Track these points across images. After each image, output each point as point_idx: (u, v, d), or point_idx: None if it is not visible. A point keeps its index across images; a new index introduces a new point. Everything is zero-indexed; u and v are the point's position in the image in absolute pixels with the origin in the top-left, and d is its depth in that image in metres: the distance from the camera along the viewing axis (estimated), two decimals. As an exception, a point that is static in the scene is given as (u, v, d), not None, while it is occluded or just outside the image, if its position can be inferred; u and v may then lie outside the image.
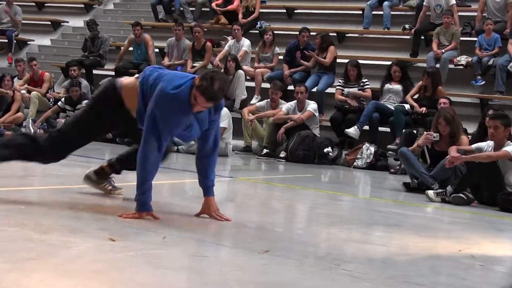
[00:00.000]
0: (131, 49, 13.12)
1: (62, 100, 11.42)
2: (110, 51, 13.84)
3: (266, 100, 10.65)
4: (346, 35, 13.04)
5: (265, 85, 11.46)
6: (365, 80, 10.67)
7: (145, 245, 3.51)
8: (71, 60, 13.05)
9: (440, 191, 6.60)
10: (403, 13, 13.03)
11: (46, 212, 4.17)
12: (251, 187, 7.01)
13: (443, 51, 11.04)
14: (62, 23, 16.12)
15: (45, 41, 15.60)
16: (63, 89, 12.25)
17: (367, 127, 10.23)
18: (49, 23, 16.01)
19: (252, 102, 11.32)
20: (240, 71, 11.36)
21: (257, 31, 13.28)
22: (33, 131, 10.67)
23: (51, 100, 11.81)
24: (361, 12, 13.15)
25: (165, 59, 12.73)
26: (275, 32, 12.41)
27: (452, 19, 11.29)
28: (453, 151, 6.66)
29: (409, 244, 4.30)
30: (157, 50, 13.25)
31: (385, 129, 10.20)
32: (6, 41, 14.84)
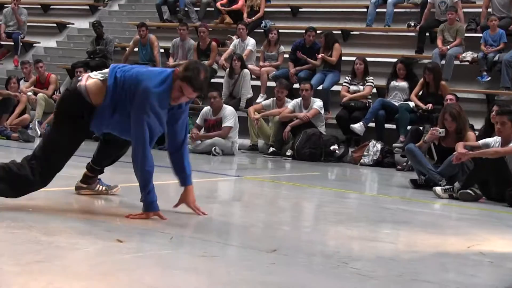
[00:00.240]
0: (136, 49, 13.14)
1: (68, 101, 11.43)
2: (116, 52, 13.86)
3: (272, 99, 10.65)
4: (351, 32, 13.02)
5: (271, 83, 11.45)
6: (370, 78, 10.64)
7: (152, 246, 3.52)
8: (76, 62, 13.07)
9: (448, 187, 6.58)
10: (407, 10, 12.99)
11: (53, 214, 4.18)
12: (258, 186, 7.01)
13: (448, 47, 11.02)
14: (67, 25, 16.16)
15: (51, 43, 15.64)
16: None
17: (373, 124, 10.21)
18: (55, 25, 16.04)
19: (258, 100, 11.32)
20: (245, 70, 11.36)
21: (262, 30, 13.28)
22: (40, 133, 10.69)
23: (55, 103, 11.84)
24: (365, 10, 13.12)
25: (170, 59, 12.74)
26: (280, 31, 12.40)
27: (456, 15, 11.27)
28: (460, 147, 6.64)
29: (417, 241, 4.29)
30: (162, 50, 13.26)
31: (391, 126, 10.18)
32: (13, 43, 14.87)
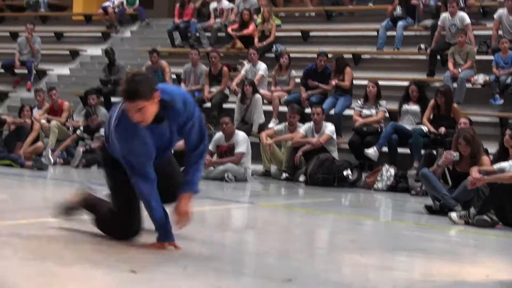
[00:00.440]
0: (148, 76, 13.19)
1: (81, 128, 11.49)
2: (128, 78, 13.90)
3: (284, 124, 10.64)
4: (362, 56, 13.03)
5: (283, 108, 11.45)
6: (382, 102, 10.61)
7: (167, 276, 3.49)
8: (89, 89, 13.15)
9: (463, 213, 6.51)
10: (418, 33, 13.01)
11: (67, 244, 4.16)
12: (271, 213, 6.97)
13: (459, 70, 10.99)
14: (80, 52, 16.29)
15: (64, 70, 15.75)
16: (82, 117, 12.33)
17: (386, 149, 10.17)
18: (68, 52, 16.17)
19: (270, 126, 11.31)
20: (257, 95, 11.38)
21: (273, 55, 13.32)
22: (53, 161, 10.72)
23: (70, 129, 11.89)
24: (376, 34, 13.15)
25: (182, 85, 12.79)
26: (291, 55, 12.42)
27: (465, 38, 11.25)
28: (474, 172, 6.58)
29: (433, 269, 4.23)
30: (174, 76, 13.32)
31: (404, 150, 10.12)
32: (26, 71, 14.99)
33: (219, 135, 10.03)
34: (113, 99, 13.15)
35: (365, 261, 4.34)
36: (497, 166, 6.77)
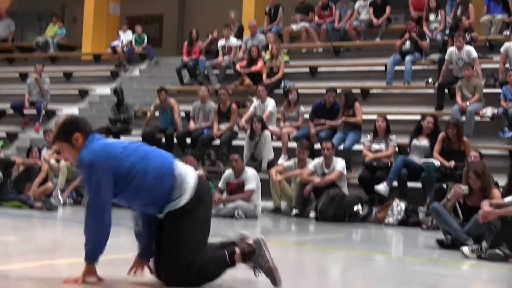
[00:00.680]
0: (157, 114, 13.28)
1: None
2: (137, 116, 14.01)
3: (293, 160, 10.64)
4: (370, 91, 13.08)
5: (292, 144, 11.47)
6: (392, 136, 10.60)
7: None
8: (98, 128, 13.20)
9: (475, 247, 6.45)
10: (425, 67, 13.07)
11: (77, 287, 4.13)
12: (283, 250, 6.92)
13: (468, 103, 11.00)
14: (89, 92, 16.41)
15: (73, 109, 15.82)
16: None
17: (396, 183, 10.13)
18: (77, 92, 16.30)
19: (279, 162, 11.31)
20: (266, 132, 11.41)
21: (282, 91, 13.39)
22: (62, 201, 10.73)
23: (77, 169, 11.92)
24: (383, 68, 13.22)
25: (191, 123, 12.85)
26: (299, 91, 12.49)
27: (473, 71, 11.29)
28: (485, 205, 6.54)
29: (447, 306, 4.19)
30: (183, 114, 13.39)
31: (414, 184, 10.09)
32: (35, 112, 15.09)
33: (228, 172, 10.03)
34: (122, 138, 13.21)
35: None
36: (507, 199, 6.73)
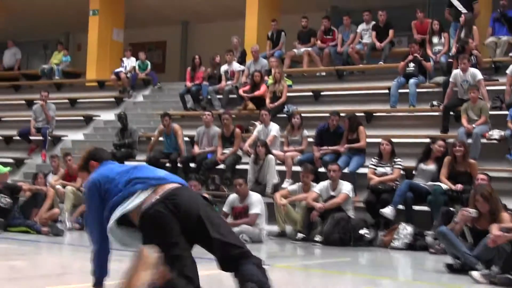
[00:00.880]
0: (162, 139, 13.28)
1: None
2: (141, 142, 14.01)
3: (298, 184, 10.58)
4: (374, 114, 13.05)
5: (296, 168, 11.42)
6: (398, 160, 10.54)
7: None
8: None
9: (485, 272, 6.36)
10: (430, 90, 13.04)
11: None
12: (289, 275, 6.86)
13: (474, 126, 10.94)
14: (94, 117, 16.45)
15: (78, 135, 15.87)
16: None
17: (402, 206, 10.06)
18: (82, 118, 16.34)
19: (283, 186, 11.26)
20: (270, 156, 11.37)
21: (285, 115, 13.37)
22: (69, 226, 10.69)
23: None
24: (387, 91, 13.20)
25: (195, 147, 12.83)
26: (302, 115, 12.48)
27: (478, 93, 11.24)
28: (495, 229, 6.46)
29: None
30: (187, 138, 13.38)
31: (421, 208, 10.01)
32: (42, 138, 15.12)
33: (233, 196, 9.98)
34: (127, 163, 13.19)
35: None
36: (517, 222, 6.65)
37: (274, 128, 12.27)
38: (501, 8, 13.64)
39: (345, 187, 9.98)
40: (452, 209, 8.27)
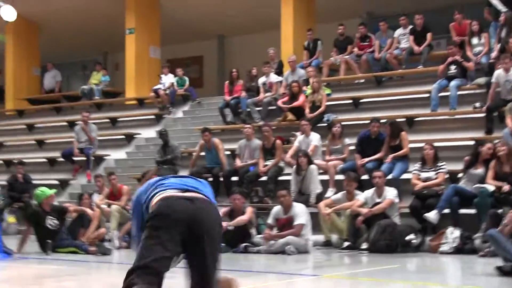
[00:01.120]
0: (203, 154, 13.35)
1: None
2: (183, 157, 14.11)
3: (342, 192, 10.53)
4: (415, 119, 12.92)
5: (339, 177, 11.37)
6: (442, 164, 10.40)
7: None
8: (146, 171, 13.32)
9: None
10: (471, 91, 12.87)
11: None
12: (337, 284, 6.82)
13: (519, 126, 10.75)
14: (135, 135, 16.63)
15: (121, 154, 16.07)
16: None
17: (447, 210, 9.91)
18: (123, 136, 16.55)
19: (327, 195, 11.21)
20: (312, 166, 11.34)
21: (325, 124, 13.32)
22: (118, 245, 10.81)
23: (130, 212, 11.99)
24: (427, 95, 13.07)
25: (237, 160, 12.87)
26: (342, 123, 12.43)
27: (522, 93, 11.06)
28: (545, 229, 6.34)
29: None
30: (228, 152, 13.43)
31: (467, 211, 9.85)
32: (85, 159, 15.34)
33: (277, 208, 9.98)
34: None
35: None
36: None
37: (315, 138, 12.25)
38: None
39: (390, 193, 9.91)
40: (499, 211, 8.11)
